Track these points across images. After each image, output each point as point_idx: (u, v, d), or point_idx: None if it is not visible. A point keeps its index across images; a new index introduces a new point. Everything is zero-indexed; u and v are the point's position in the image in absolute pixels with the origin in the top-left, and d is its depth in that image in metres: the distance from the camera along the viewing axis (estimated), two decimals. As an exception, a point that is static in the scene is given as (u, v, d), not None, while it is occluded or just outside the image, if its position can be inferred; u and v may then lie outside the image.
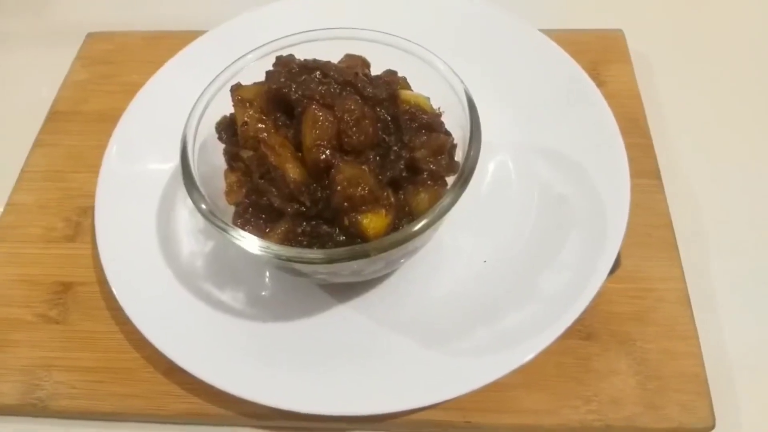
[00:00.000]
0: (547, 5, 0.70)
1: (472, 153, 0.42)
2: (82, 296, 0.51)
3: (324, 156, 0.40)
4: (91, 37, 0.65)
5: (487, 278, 0.48)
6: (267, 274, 0.50)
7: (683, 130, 0.60)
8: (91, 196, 0.52)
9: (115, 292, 0.47)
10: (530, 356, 0.42)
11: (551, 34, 0.58)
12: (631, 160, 0.50)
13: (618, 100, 0.54)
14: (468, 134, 0.43)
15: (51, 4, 0.74)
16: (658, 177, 0.54)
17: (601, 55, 0.61)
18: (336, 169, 0.40)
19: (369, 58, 0.48)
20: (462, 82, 0.44)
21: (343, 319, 0.47)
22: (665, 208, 0.53)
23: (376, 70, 0.48)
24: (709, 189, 0.56)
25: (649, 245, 0.51)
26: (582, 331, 0.47)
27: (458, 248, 0.50)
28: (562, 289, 0.46)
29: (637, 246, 0.50)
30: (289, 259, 0.39)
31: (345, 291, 0.48)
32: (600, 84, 0.56)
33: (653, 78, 0.63)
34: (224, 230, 0.40)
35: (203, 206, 0.41)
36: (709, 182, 0.57)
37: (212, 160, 0.46)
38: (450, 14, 0.59)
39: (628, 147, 0.51)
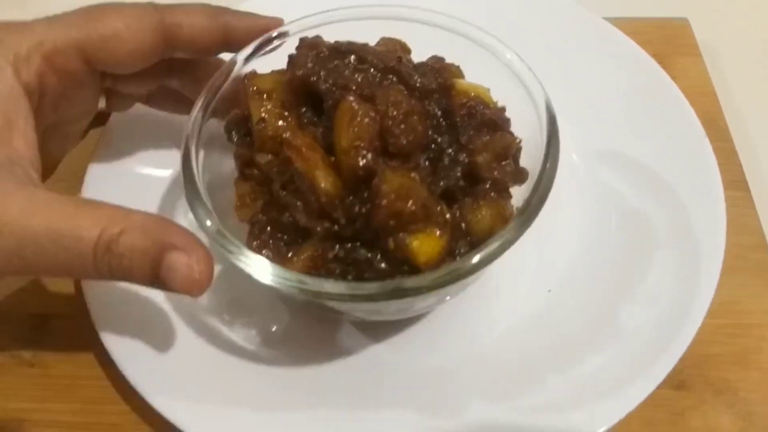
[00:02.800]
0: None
1: (549, 165, 0.34)
2: (60, 332, 0.43)
3: (364, 161, 0.32)
4: None
5: (554, 312, 0.40)
6: (285, 308, 0.41)
7: (766, 131, 0.52)
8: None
9: (97, 328, 0.39)
10: (621, 415, 0.34)
11: (610, 22, 0.50)
12: (717, 168, 0.42)
13: (691, 99, 0.46)
14: (540, 135, 0.35)
15: None
16: (746, 188, 0.46)
17: (666, 48, 0.53)
18: (380, 178, 0.31)
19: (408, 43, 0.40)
20: (539, 82, 0.36)
21: (378, 362, 0.39)
22: (758, 225, 0.45)
23: (417, 57, 0.40)
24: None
25: (744, 270, 0.43)
26: (673, 378, 0.38)
27: (516, 275, 0.41)
28: (651, 326, 0.38)
29: (730, 272, 0.41)
30: (317, 295, 0.31)
31: (380, 328, 0.40)
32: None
33: (725, 72, 0.55)
34: (234, 255, 0.32)
35: (209, 223, 0.33)
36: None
37: (220, 165, 0.38)
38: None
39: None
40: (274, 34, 0.39)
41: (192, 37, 0.38)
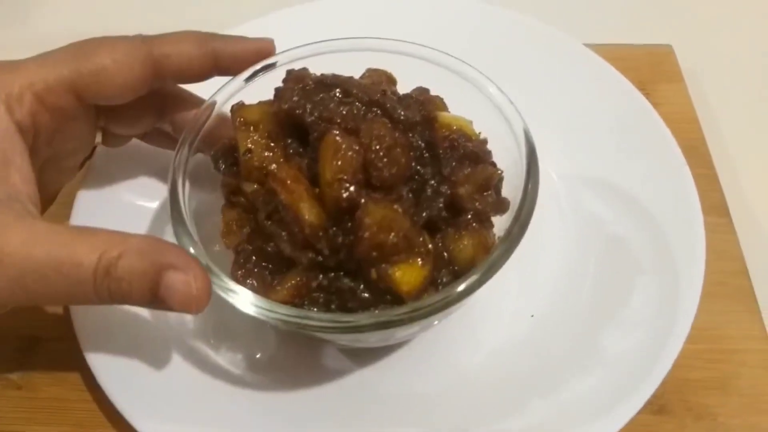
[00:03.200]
0: (584, 18, 0.63)
1: (529, 195, 0.34)
2: (49, 355, 0.43)
3: (347, 193, 0.32)
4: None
5: (537, 337, 0.40)
6: (271, 332, 0.42)
7: (748, 158, 0.53)
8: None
9: (84, 351, 0.39)
10: None
11: (592, 49, 0.51)
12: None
13: (673, 125, 0.46)
14: (521, 166, 0.36)
15: (36, 12, 0.68)
16: (727, 214, 0.47)
17: (649, 74, 0.54)
18: (362, 210, 0.32)
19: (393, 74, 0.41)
20: (519, 114, 0.37)
21: (363, 387, 0.39)
22: (738, 250, 0.45)
23: (402, 88, 0.40)
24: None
25: (724, 296, 0.43)
26: (653, 403, 0.39)
27: (500, 300, 0.42)
28: (632, 351, 0.38)
29: (710, 297, 0.41)
30: (301, 327, 0.32)
31: (365, 353, 0.40)
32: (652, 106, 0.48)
33: (707, 99, 0.56)
34: (219, 286, 0.33)
35: (191, 251, 0.34)
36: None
37: (207, 192, 0.38)
38: (485, 26, 0.52)
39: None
40: (259, 66, 0.40)
41: (180, 66, 0.38)
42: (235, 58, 0.40)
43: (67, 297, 0.33)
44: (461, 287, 0.32)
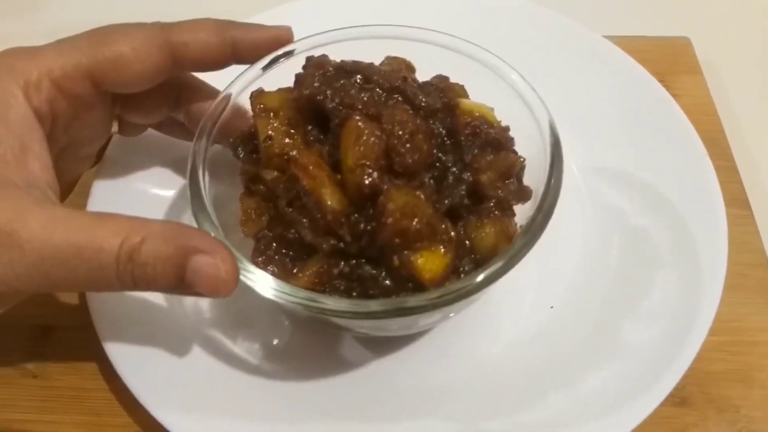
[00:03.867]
0: (602, 10, 0.63)
1: (552, 185, 0.34)
2: (64, 343, 0.43)
3: (370, 179, 0.32)
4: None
5: (556, 328, 0.40)
6: (288, 322, 0.41)
7: (767, 150, 0.52)
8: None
9: (101, 339, 0.39)
10: None
11: (611, 41, 0.51)
12: (719, 186, 0.42)
13: (692, 117, 0.46)
14: (544, 154, 0.36)
15: (47, 1, 0.68)
16: (748, 206, 0.46)
17: (667, 66, 0.54)
18: (385, 196, 0.31)
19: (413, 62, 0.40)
20: (541, 101, 0.37)
21: (381, 377, 0.39)
22: (759, 243, 0.45)
23: (421, 76, 0.40)
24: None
25: (745, 288, 0.43)
26: (675, 395, 0.38)
27: (519, 291, 0.41)
28: (654, 343, 0.38)
29: (732, 289, 0.41)
30: (321, 311, 0.31)
31: (383, 342, 0.40)
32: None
33: (726, 91, 0.55)
34: (239, 270, 0.32)
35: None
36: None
37: (225, 181, 0.38)
38: (504, 18, 0.51)
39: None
40: (277, 54, 0.39)
41: (198, 54, 0.38)
42: (253, 45, 0.39)
43: (89, 283, 0.32)
44: (483, 276, 0.32)
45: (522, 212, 0.36)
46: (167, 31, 0.38)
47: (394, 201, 0.31)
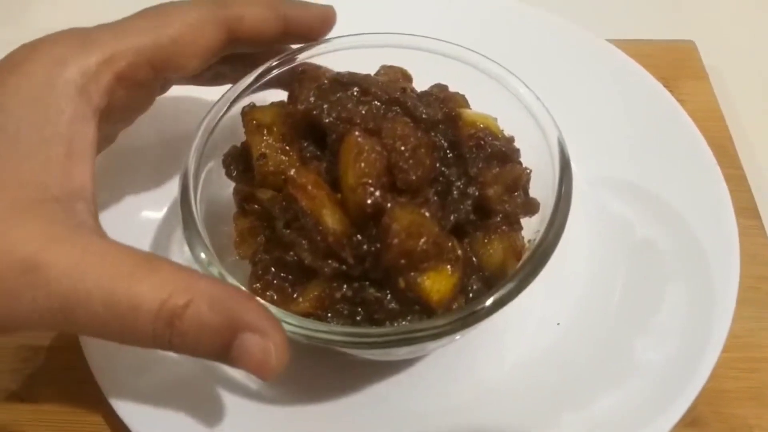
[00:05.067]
0: (605, 14, 0.62)
1: (562, 202, 0.33)
2: (54, 365, 0.41)
3: (372, 198, 0.30)
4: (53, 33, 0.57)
5: (564, 346, 0.39)
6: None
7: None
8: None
9: (89, 361, 0.38)
10: None
11: (615, 45, 0.50)
12: (729, 196, 0.41)
13: (699, 123, 0.45)
14: (549, 164, 0.34)
15: (31, 10, 0.67)
16: (758, 216, 0.45)
17: (672, 71, 0.52)
18: (389, 216, 0.30)
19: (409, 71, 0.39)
20: (549, 113, 0.36)
21: (385, 401, 0.38)
22: (771, 255, 0.44)
23: (418, 86, 0.39)
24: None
25: (757, 302, 0.41)
26: (685, 415, 0.37)
27: (523, 307, 0.39)
28: (665, 361, 0.37)
29: (743, 303, 0.40)
30: (326, 342, 0.30)
31: (387, 366, 0.39)
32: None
33: (731, 96, 0.54)
34: None
35: (212, 269, 0.31)
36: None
37: (219, 199, 0.36)
38: (506, 23, 0.50)
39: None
40: (274, 63, 0.38)
41: (254, 29, 0.36)
42: (302, 23, 0.38)
43: (117, 337, 0.28)
44: (494, 299, 0.30)
45: (528, 225, 0.35)
46: (222, 5, 0.35)
47: (398, 221, 0.30)
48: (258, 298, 0.30)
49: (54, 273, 0.27)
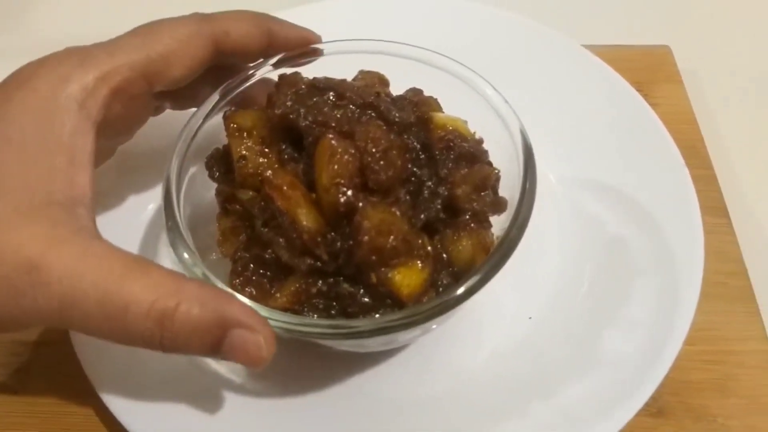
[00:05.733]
0: (582, 19, 0.63)
1: (526, 197, 0.34)
2: (45, 359, 0.43)
3: (345, 198, 0.32)
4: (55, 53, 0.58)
5: (536, 339, 0.40)
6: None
7: (747, 159, 0.53)
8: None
9: (78, 355, 0.39)
10: None
11: (591, 50, 0.51)
12: (696, 195, 0.43)
13: (672, 125, 0.46)
14: (517, 164, 0.36)
15: (26, 16, 0.68)
16: (726, 214, 0.47)
17: (647, 75, 0.54)
18: (361, 214, 0.32)
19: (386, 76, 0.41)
20: (512, 110, 0.37)
21: (364, 392, 0.39)
22: (738, 252, 0.45)
23: (395, 90, 0.40)
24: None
25: (723, 297, 0.43)
26: (651, 405, 0.38)
27: (497, 302, 0.41)
28: (631, 352, 0.38)
29: (709, 298, 0.42)
30: (303, 334, 0.31)
31: (366, 357, 0.40)
32: (650, 106, 0.48)
33: (706, 100, 0.56)
34: None
35: (196, 269, 0.33)
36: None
37: (202, 200, 0.38)
38: (483, 28, 0.52)
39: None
40: (254, 71, 0.40)
41: (239, 43, 0.38)
42: (286, 40, 0.40)
43: (111, 337, 0.30)
44: (461, 290, 0.32)
45: (499, 222, 0.37)
46: (208, 21, 0.37)
47: (369, 219, 0.31)
48: (239, 296, 0.32)
49: (55, 274, 0.29)
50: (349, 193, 0.32)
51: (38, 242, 0.29)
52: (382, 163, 0.33)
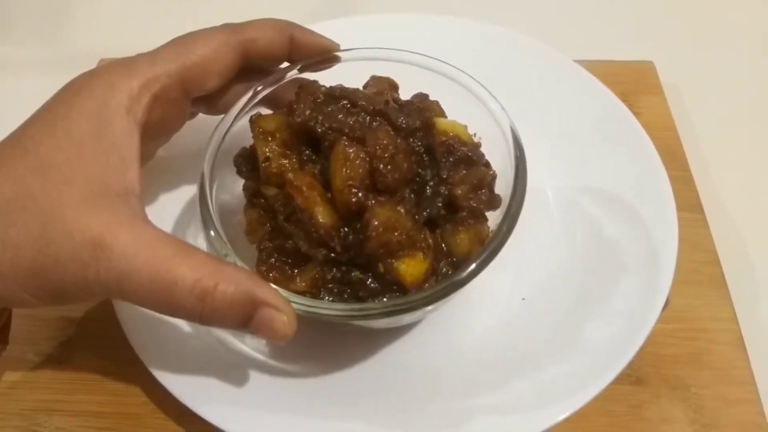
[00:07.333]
0: (574, 36, 0.68)
1: (517, 192, 0.38)
2: (89, 333, 0.47)
3: (356, 198, 0.36)
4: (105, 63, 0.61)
5: (527, 319, 0.45)
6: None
7: (722, 162, 0.57)
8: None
9: (124, 328, 0.43)
10: (571, 411, 0.39)
11: (581, 65, 0.55)
12: (673, 193, 0.47)
13: (653, 132, 0.50)
14: (510, 166, 0.40)
15: (63, 30, 0.71)
16: (701, 210, 0.51)
17: (632, 87, 0.59)
18: (370, 213, 0.36)
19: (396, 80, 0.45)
20: (508, 117, 0.41)
21: (367, 364, 0.43)
22: (711, 243, 0.49)
23: (404, 93, 0.45)
24: (755, 224, 0.54)
25: (698, 283, 0.47)
26: (631, 375, 0.43)
27: (494, 284, 0.46)
28: (610, 332, 0.42)
29: (685, 284, 0.47)
30: (322, 316, 0.36)
31: (370, 334, 0.45)
32: (634, 115, 0.52)
33: (686, 110, 0.61)
34: None
35: (225, 254, 0.37)
36: (755, 217, 0.54)
37: (231, 193, 0.42)
38: (483, 44, 0.56)
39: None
40: (277, 74, 0.44)
41: (264, 49, 0.42)
42: (308, 47, 0.43)
43: (158, 308, 0.34)
44: (458, 278, 0.36)
45: (495, 217, 0.41)
46: (237, 31, 0.41)
47: (377, 217, 0.36)
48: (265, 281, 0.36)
49: (115, 252, 0.33)
50: (360, 194, 0.36)
51: (101, 225, 0.33)
52: (389, 167, 0.37)
